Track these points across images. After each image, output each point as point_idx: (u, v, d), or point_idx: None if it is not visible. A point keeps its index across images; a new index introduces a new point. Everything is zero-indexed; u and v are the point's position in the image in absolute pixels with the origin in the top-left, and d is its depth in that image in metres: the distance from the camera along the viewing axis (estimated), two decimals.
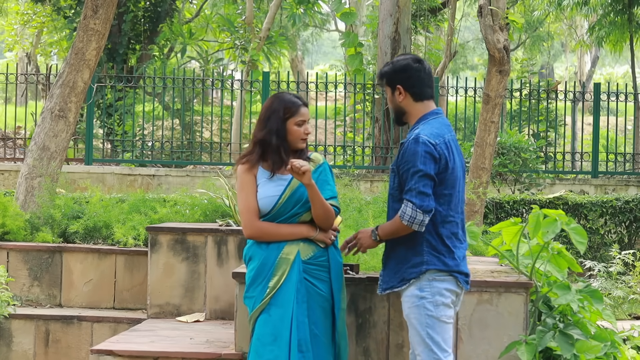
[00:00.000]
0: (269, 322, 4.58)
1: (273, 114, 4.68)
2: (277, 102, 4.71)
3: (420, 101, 4.65)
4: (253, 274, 4.65)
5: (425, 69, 4.66)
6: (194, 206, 7.81)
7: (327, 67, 42.21)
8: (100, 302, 7.52)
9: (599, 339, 5.29)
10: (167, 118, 18.76)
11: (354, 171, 12.88)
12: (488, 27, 8.33)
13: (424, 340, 4.49)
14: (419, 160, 4.44)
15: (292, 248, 4.65)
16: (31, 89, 15.18)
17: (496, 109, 8.56)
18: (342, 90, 14.88)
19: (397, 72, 4.65)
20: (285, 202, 4.66)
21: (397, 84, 4.64)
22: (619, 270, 9.26)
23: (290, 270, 4.62)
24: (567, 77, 38.59)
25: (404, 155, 4.52)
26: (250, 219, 4.64)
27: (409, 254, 4.55)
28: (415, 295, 4.52)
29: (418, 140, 4.48)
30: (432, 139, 4.48)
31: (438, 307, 4.51)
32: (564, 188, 13.10)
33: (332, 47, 40.77)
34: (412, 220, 4.44)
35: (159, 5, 18.51)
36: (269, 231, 4.64)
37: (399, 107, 4.68)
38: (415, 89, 4.63)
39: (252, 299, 4.66)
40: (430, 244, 4.53)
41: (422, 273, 4.50)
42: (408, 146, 4.51)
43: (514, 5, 22.12)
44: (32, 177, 8.30)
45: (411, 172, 4.45)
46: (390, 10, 14.74)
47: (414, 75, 4.63)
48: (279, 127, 4.67)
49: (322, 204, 4.63)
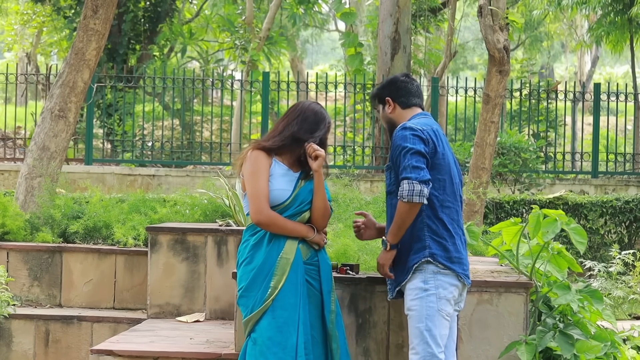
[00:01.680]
0: (275, 325, 4.53)
1: (314, 120, 4.72)
2: (323, 114, 4.77)
3: (408, 108, 4.80)
4: (253, 274, 4.60)
5: (412, 82, 4.85)
6: (194, 206, 7.81)
7: (327, 67, 42.20)
8: (100, 302, 7.52)
9: (599, 339, 5.30)
10: (167, 118, 18.78)
11: (354, 171, 12.88)
12: (488, 27, 8.33)
13: (422, 332, 4.50)
14: (408, 141, 4.54)
15: (291, 248, 4.63)
16: (31, 89, 15.19)
17: (496, 109, 8.56)
18: (342, 90, 14.88)
19: (385, 87, 4.86)
20: (295, 197, 4.66)
21: (385, 96, 4.82)
22: (619, 271, 9.26)
23: (290, 271, 4.60)
24: (567, 77, 38.60)
25: (393, 144, 4.62)
26: (262, 205, 4.57)
27: (412, 241, 4.58)
28: (419, 287, 4.53)
29: (405, 127, 4.61)
30: (418, 126, 4.60)
31: (440, 301, 4.52)
32: (564, 188, 13.10)
33: (332, 47, 40.77)
34: (410, 193, 4.45)
35: (159, 5, 18.52)
36: (278, 222, 4.60)
37: (390, 119, 4.83)
38: (402, 98, 4.80)
39: (251, 299, 4.59)
40: (431, 228, 4.56)
41: (425, 260, 4.51)
42: (396, 134, 4.63)
43: (514, 5, 22.12)
44: (32, 177, 8.30)
45: (402, 153, 4.53)
46: (390, 10, 14.74)
47: (401, 87, 4.81)
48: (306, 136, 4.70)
49: (324, 196, 4.69)
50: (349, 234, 6.05)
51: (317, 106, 4.80)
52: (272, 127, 4.86)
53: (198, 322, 6.86)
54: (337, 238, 5.85)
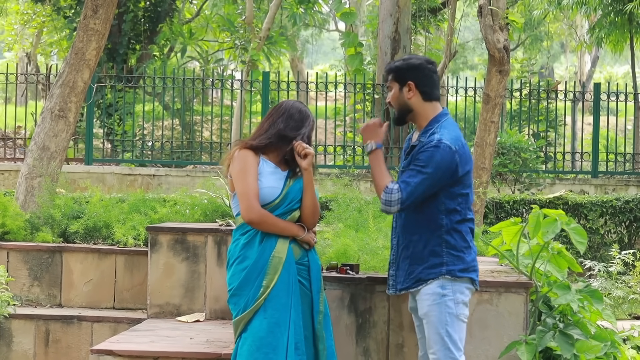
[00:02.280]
0: (266, 325, 4.53)
1: (299, 117, 4.72)
2: (307, 112, 4.76)
3: (429, 101, 4.62)
4: (245, 273, 4.58)
5: (436, 71, 4.66)
6: (194, 206, 7.82)
7: (327, 67, 42.21)
8: (100, 302, 7.52)
9: (599, 339, 5.30)
10: (167, 118, 18.76)
11: (354, 171, 12.88)
12: (488, 27, 8.33)
13: (443, 338, 4.48)
14: (433, 165, 4.41)
15: (283, 247, 4.62)
16: (31, 89, 15.19)
17: (496, 109, 8.56)
18: (342, 90, 14.87)
19: (410, 69, 4.59)
20: (285, 195, 4.66)
21: (408, 80, 4.57)
22: (619, 270, 9.26)
23: (283, 270, 4.58)
24: (567, 77, 38.59)
25: (421, 154, 4.46)
26: (253, 203, 4.56)
27: (426, 254, 4.52)
28: (436, 292, 4.49)
29: (439, 146, 4.43)
30: (453, 145, 4.44)
31: (458, 305, 4.51)
32: (564, 188, 13.09)
33: (332, 47, 40.77)
34: (387, 204, 4.43)
35: (159, 5, 18.50)
36: (269, 220, 4.59)
37: (406, 104, 4.61)
38: (426, 88, 4.59)
39: (243, 299, 4.57)
40: (449, 244, 4.51)
41: (441, 274, 4.49)
42: (427, 149, 4.44)
43: (514, 5, 22.12)
44: (32, 177, 8.30)
45: (419, 170, 4.42)
46: (390, 10, 14.75)
47: (428, 75, 4.60)
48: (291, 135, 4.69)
49: (314, 194, 4.69)
50: (349, 234, 6.05)
51: (301, 104, 4.80)
52: (257, 126, 4.84)
53: (198, 322, 6.86)
54: (337, 238, 5.86)
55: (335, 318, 5.16)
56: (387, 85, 4.68)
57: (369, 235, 6.04)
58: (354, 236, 5.98)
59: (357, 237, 5.96)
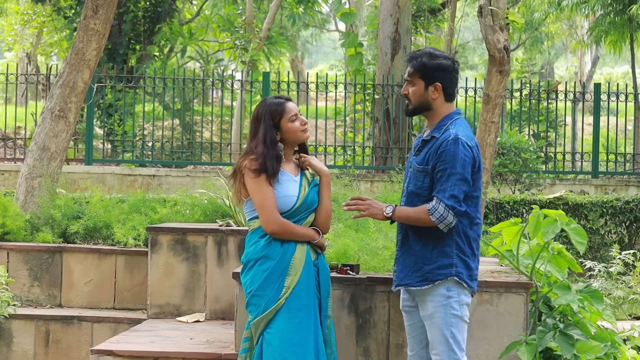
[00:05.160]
0: (291, 325, 4.52)
1: (261, 123, 4.69)
2: (262, 109, 4.72)
3: (450, 102, 4.65)
4: (267, 273, 4.58)
5: (458, 70, 4.70)
6: (194, 206, 7.82)
7: (327, 67, 42.20)
8: (101, 302, 7.52)
9: (599, 339, 5.29)
10: (167, 118, 18.77)
11: (354, 171, 12.88)
12: (488, 27, 8.32)
13: (447, 339, 4.49)
14: (459, 162, 4.42)
15: (302, 250, 4.65)
16: (31, 89, 15.18)
17: (496, 109, 8.55)
18: (342, 90, 14.88)
19: (440, 70, 4.58)
20: (302, 203, 4.69)
21: (437, 81, 4.57)
22: (619, 271, 9.26)
23: (303, 271, 4.61)
24: (567, 77, 38.59)
25: (442, 154, 4.46)
26: (274, 215, 4.59)
27: (436, 254, 4.52)
28: (443, 294, 4.51)
29: (457, 141, 4.45)
30: (469, 141, 4.48)
31: (462, 307, 4.53)
32: (564, 188, 13.09)
33: (332, 47, 40.77)
34: (442, 219, 4.42)
35: (159, 5, 18.51)
36: (290, 229, 4.62)
37: (428, 103, 4.60)
38: (451, 90, 4.63)
39: (264, 299, 4.56)
40: (459, 246, 4.52)
41: (450, 276, 4.49)
42: (447, 146, 4.45)
43: (514, 6, 22.12)
44: (32, 177, 8.30)
45: (448, 172, 4.43)
46: (391, 10, 14.75)
47: (454, 79, 4.64)
48: (272, 133, 4.67)
49: (330, 199, 4.75)
50: (349, 234, 6.05)
51: (258, 108, 4.74)
52: (249, 137, 4.75)
53: (198, 322, 6.86)
54: (337, 238, 5.85)
55: (336, 318, 5.16)
56: (408, 78, 4.64)
57: (369, 235, 6.04)
58: (354, 236, 5.98)
59: (357, 237, 5.96)
